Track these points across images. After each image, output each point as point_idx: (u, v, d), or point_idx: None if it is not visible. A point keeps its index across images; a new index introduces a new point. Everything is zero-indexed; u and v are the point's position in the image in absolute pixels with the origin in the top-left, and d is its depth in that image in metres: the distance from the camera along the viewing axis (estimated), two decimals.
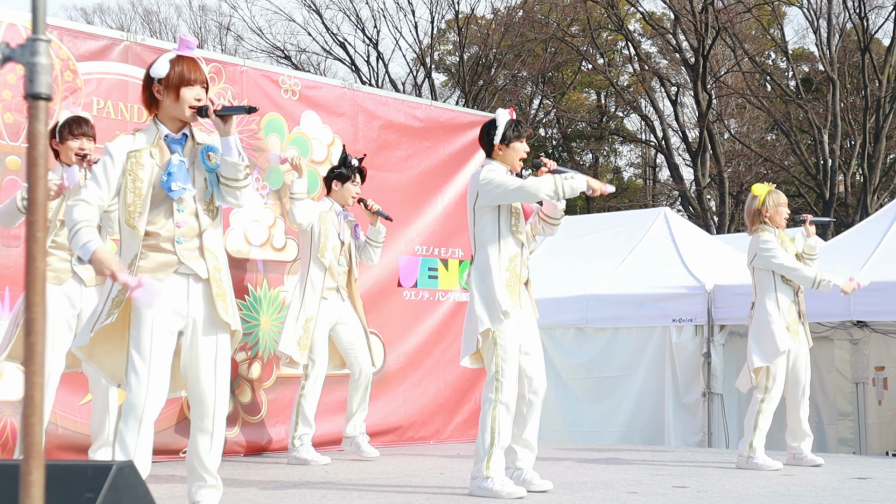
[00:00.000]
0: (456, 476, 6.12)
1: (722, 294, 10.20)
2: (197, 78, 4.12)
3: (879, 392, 10.39)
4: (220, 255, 4.21)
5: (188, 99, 4.09)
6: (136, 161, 4.06)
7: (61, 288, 5.46)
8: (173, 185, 4.05)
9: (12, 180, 6.15)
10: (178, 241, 4.07)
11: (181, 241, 4.08)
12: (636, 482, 5.87)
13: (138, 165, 4.06)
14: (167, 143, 4.12)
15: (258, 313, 7.44)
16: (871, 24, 26.82)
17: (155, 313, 3.98)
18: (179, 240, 4.08)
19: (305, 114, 7.84)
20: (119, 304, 4.01)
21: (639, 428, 10.58)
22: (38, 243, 2.02)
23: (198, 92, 4.11)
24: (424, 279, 8.59)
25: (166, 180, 4.05)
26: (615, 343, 10.74)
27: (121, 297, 4.00)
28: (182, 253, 4.08)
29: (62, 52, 6.41)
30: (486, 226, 5.31)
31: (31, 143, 2.03)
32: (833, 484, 5.83)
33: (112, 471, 2.45)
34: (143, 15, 33.22)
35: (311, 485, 5.74)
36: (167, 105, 4.12)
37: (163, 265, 4.06)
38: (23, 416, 2.03)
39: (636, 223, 12.49)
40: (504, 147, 5.38)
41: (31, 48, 2.03)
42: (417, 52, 30.23)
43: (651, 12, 29.66)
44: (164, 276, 4.05)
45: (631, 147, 35.62)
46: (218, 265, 4.17)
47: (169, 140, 4.12)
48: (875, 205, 25.44)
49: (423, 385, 8.47)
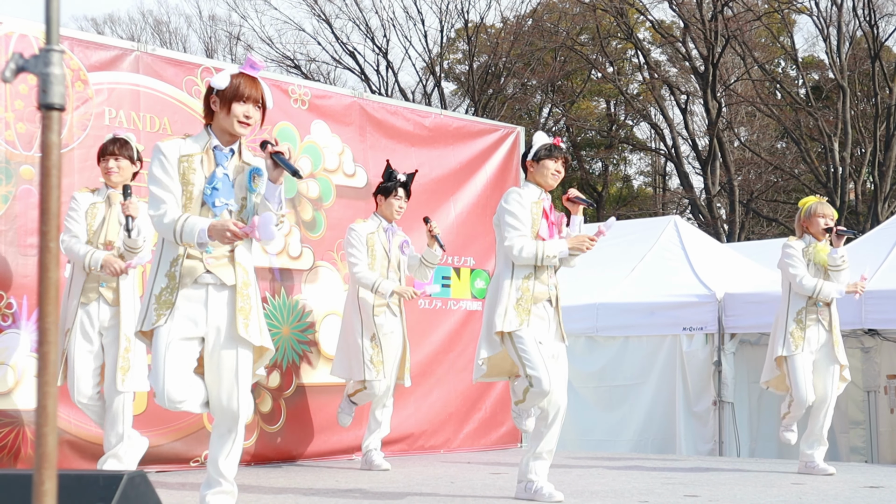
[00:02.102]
0: (467, 485, 6.11)
1: (732, 302, 10.18)
2: (251, 95, 4.20)
3: (891, 400, 10.34)
4: (250, 271, 4.29)
5: (238, 114, 4.18)
6: (188, 166, 4.17)
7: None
8: (217, 200, 4.15)
9: (26, 189, 6.17)
10: (207, 249, 4.14)
11: (210, 251, 4.16)
12: (647, 491, 5.86)
13: (190, 170, 4.17)
14: (215, 153, 4.21)
15: (278, 322, 7.45)
16: (882, 31, 26.77)
17: (169, 324, 4.10)
18: (209, 249, 4.14)
19: (315, 123, 7.86)
20: (169, 305, 4.11)
21: (650, 436, 10.56)
22: (50, 253, 2.02)
23: (248, 109, 4.20)
24: None
25: (210, 194, 4.14)
26: (626, 351, 10.73)
27: (167, 297, 4.11)
28: (209, 261, 4.16)
29: (73, 63, 6.44)
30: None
31: (44, 154, 2.04)
32: (845, 493, 5.81)
33: (123, 480, 2.45)
34: (154, 25, 33.33)
35: (323, 492, 5.74)
36: (220, 117, 4.22)
37: (188, 270, 4.15)
38: (36, 426, 2.04)
39: (646, 231, 12.48)
40: (535, 164, 5.50)
41: (44, 59, 2.04)
42: (427, 61, 30.27)
43: (660, 21, 29.66)
44: (190, 280, 4.14)
45: (641, 155, 35.58)
46: (247, 280, 4.25)
47: (217, 151, 4.21)
48: (886, 213, 25.37)
49: (435, 394, 8.47)
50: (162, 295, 4.13)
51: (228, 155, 4.23)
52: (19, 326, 6.02)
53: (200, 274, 4.15)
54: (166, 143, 4.21)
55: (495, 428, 8.84)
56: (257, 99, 4.22)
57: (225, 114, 4.19)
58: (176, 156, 4.16)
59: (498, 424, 8.90)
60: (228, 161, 4.23)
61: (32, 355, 6.03)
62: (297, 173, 4.13)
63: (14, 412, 6.03)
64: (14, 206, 6.15)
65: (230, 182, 4.20)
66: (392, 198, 7.01)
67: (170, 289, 4.13)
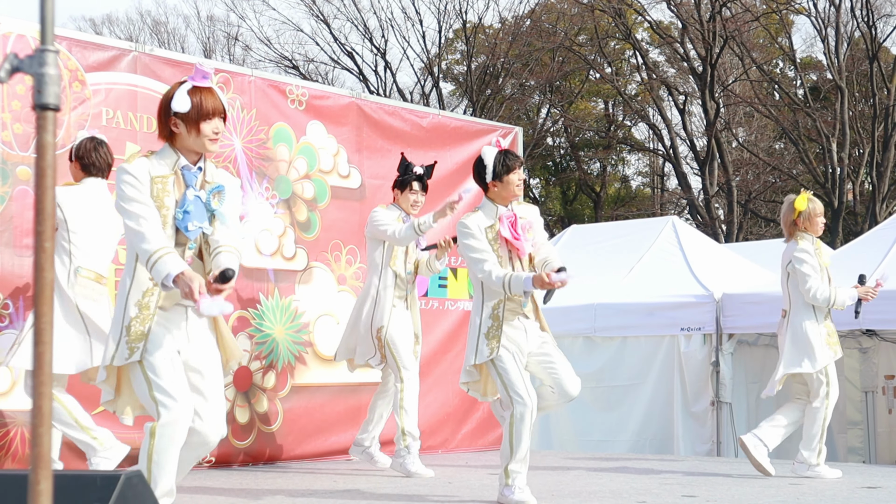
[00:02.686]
0: (464, 485, 6.11)
1: (730, 303, 10.18)
2: (215, 109, 4.02)
3: (889, 401, 10.36)
4: None
5: (207, 133, 4.01)
6: (161, 188, 3.97)
7: None
8: (189, 224, 3.97)
9: (23, 190, 6.17)
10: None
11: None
12: (645, 491, 5.86)
13: (164, 192, 3.97)
14: (184, 174, 4.02)
15: (272, 323, 7.45)
16: (880, 32, 26.78)
17: (164, 338, 3.95)
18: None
19: (311, 124, 7.86)
20: (141, 338, 3.92)
21: (648, 437, 10.56)
22: (45, 253, 2.02)
23: (216, 124, 4.02)
24: (434, 288, 8.59)
25: (182, 218, 3.96)
26: (624, 352, 10.73)
27: (139, 328, 3.92)
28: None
29: (71, 63, 6.43)
30: None
31: (39, 154, 2.04)
32: (842, 493, 5.81)
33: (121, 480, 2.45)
34: (152, 25, 33.34)
35: (320, 493, 5.74)
36: (186, 138, 4.02)
37: (169, 296, 3.97)
38: (32, 426, 2.04)
39: (644, 232, 12.47)
40: (498, 183, 5.30)
41: (39, 59, 2.04)
42: (425, 61, 30.27)
43: (659, 21, 29.67)
44: (169, 305, 3.99)
45: (639, 156, 35.58)
46: None
47: (185, 172, 4.03)
48: (884, 213, 25.38)
49: (432, 394, 8.46)
50: (136, 327, 3.93)
51: (197, 174, 4.05)
52: (16, 327, 6.02)
53: (180, 299, 3.97)
54: (133, 164, 3.97)
55: (493, 428, 8.84)
56: (221, 110, 4.05)
57: (194, 135, 3.99)
58: (147, 177, 3.95)
59: (496, 425, 8.89)
60: (197, 180, 4.04)
61: None
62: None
63: (11, 413, 6.03)
64: (10, 207, 6.14)
65: (202, 203, 4.01)
66: (408, 192, 6.84)
67: (140, 319, 3.94)
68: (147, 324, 3.93)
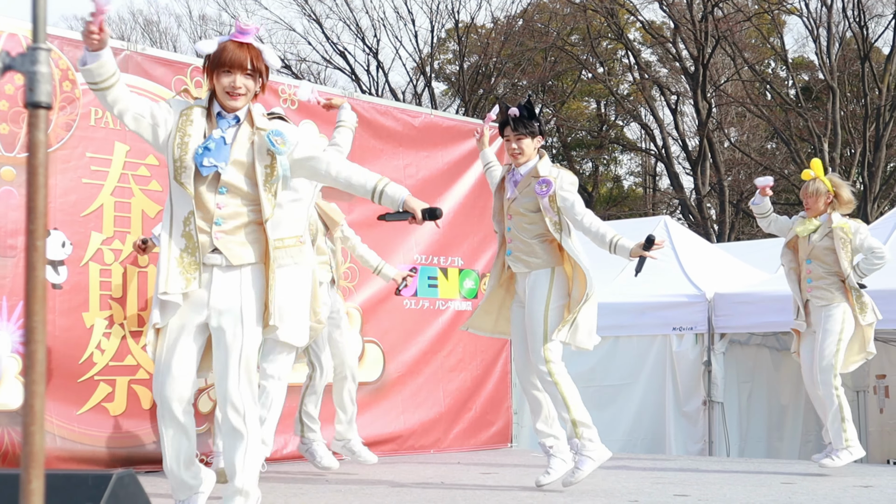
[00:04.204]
0: (457, 485, 6.11)
1: (722, 302, 10.19)
2: (234, 62, 3.86)
3: (881, 400, 10.38)
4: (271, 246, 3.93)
5: (224, 84, 3.88)
6: (186, 118, 3.88)
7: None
8: (206, 160, 3.82)
9: (6, 191, 6.11)
10: (216, 222, 3.86)
11: (219, 223, 3.86)
12: (637, 491, 5.86)
13: (188, 122, 3.88)
14: (217, 119, 3.91)
15: None
16: (871, 32, 26.88)
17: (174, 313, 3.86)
18: (218, 221, 3.86)
19: (303, 123, 7.83)
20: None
21: (640, 436, 10.57)
22: (38, 252, 2.01)
23: (235, 79, 3.87)
24: (424, 288, 8.58)
25: (201, 153, 3.82)
26: (616, 352, 10.73)
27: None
28: (217, 235, 3.86)
29: (62, 62, 6.40)
30: None
31: (31, 152, 2.03)
32: (835, 492, 5.82)
33: (112, 480, 2.44)
34: (144, 25, 33.29)
35: (309, 494, 5.73)
36: (216, 89, 3.93)
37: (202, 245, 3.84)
38: (23, 425, 2.03)
39: (636, 232, 12.38)
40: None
41: (31, 57, 2.03)
42: (417, 61, 30.28)
43: (651, 21, 29.71)
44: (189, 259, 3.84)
45: (631, 156, 35.63)
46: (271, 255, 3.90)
47: (219, 118, 3.91)
48: (875, 213, 25.44)
49: (423, 394, 8.46)
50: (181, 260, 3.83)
51: (232, 122, 3.90)
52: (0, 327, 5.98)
53: (207, 250, 3.84)
54: (171, 99, 3.92)
55: (485, 428, 8.84)
56: (244, 66, 3.86)
57: (218, 87, 3.90)
58: (176, 111, 3.91)
59: (488, 424, 8.91)
60: (231, 128, 3.90)
61: (13, 356, 5.99)
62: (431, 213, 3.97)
63: None
64: None
65: (227, 146, 3.85)
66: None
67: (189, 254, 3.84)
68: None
